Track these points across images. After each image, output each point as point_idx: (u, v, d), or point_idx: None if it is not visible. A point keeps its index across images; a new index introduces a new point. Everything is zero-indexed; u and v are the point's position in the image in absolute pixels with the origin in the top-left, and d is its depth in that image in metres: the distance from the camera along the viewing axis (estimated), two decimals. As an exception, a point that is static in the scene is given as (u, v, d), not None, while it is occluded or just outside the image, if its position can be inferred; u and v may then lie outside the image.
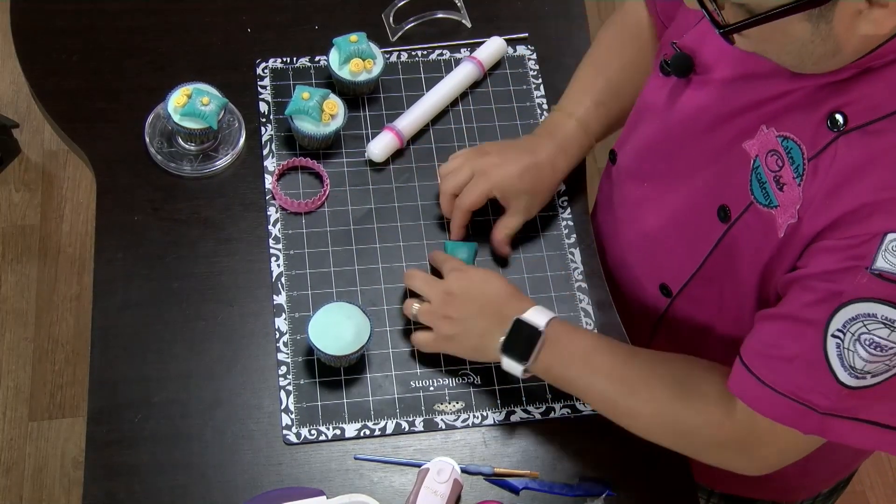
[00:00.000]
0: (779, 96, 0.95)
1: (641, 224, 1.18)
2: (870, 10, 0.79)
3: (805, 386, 0.91)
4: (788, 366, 0.92)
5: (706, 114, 1.04)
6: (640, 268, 1.21)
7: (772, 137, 0.96)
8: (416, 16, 1.43)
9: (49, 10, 1.39)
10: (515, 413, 1.16)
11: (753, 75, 0.98)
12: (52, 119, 1.31)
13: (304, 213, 1.26)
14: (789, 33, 0.84)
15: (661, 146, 1.13)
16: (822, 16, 0.81)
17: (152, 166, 1.27)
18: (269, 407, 1.13)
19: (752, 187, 0.98)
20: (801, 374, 0.92)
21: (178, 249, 1.22)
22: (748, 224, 1.00)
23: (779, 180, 0.95)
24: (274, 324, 1.18)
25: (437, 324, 1.13)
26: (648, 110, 1.15)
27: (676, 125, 1.09)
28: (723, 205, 1.02)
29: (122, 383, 1.13)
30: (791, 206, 0.93)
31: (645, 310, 1.22)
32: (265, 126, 1.31)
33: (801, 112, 0.93)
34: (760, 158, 0.97)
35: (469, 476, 1.11)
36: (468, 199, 1.20)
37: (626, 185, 1.21)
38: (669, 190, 1.11)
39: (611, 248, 1.28)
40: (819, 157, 0.91)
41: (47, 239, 2.29)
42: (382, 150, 1.29)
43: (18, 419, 2.08)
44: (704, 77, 1.05)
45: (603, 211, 1.31)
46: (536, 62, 1.41)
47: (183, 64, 1.36)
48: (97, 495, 1.07)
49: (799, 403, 0.92)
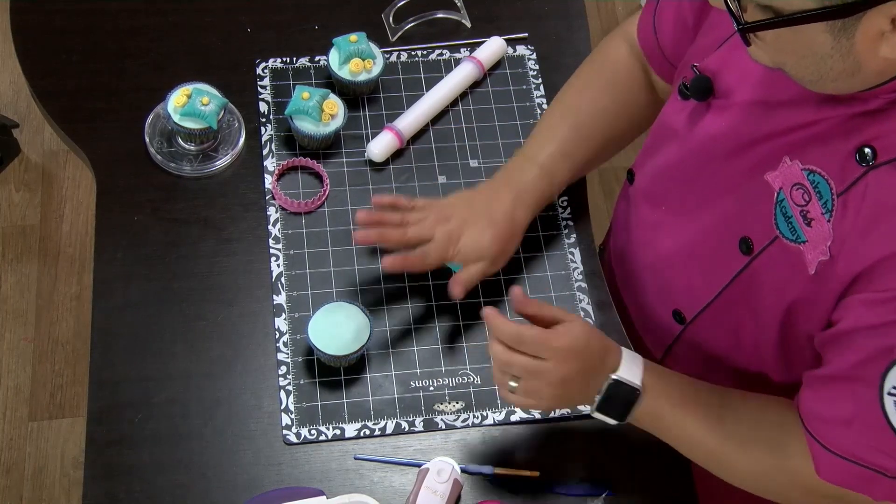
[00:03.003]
0: (804, 126, 0.92)
1: (657, 247, 1.15)
2: (892, 32, 0.77)
3: (869, 449, 0.89)
4: (848, 429, 0.90)
5: (726, 140, 1.01)
6: (654, 292, 1.20)
7: (797, 170, 0.93)
8: (416, 16, 1.43)
9: (49, 10, 1.39)
10: (515, 413, 1.16)
11: (777, 103, 0.95)
12: (52, 119, 1.31)
13: (304, 213, 1.26)
14: (809, 43, 0.81)
15: (680, 170, 1.10)
16: (844, 30, 0.78)
17: (152, 166, 1.27)
18: (269, 407, 1.13)
19: (777, 221, 0.95)
20: (862, 436, 0.89)
21: (178, 249, 1.22)
22: (773, 258, 0.97)
23: (806, 215, 0.92)
24: (274, 324, 1.18)
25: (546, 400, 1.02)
26: (668, 133, 1.12)
27: (696, 150, 1.06)
28: (745, 237, 1.00)
29: (122, 383, 1.13)
30: (821, 242, 0.90)
31: (657, 334, 1.20)
32: (265, 126, 1.32)
33: (827, 144, 0.90)
34: (785, 192, 0.94)
35: (469, 476, 1.11)
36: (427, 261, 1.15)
37: (642, 207, 1.19)
38: (687, 215, 1.09)
39: (625, 269, 1.26)
40: (849, 193, 0.88)
41: (47, 239, 2.29)
42: (382, 150, 1.29)
43: (18, 419, 2.08)
44: (725, 101, 1.02)
45: (619, 230, 1.29)
46: (536, 62, 1.41)
47: (183, 64, 1.36)
48: (97, 495, 1.07)
49: (866, 468, 0.90)
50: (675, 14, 1.14)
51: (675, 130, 1.10)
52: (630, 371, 1.01)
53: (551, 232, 1.28)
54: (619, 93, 1.23)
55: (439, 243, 1.14)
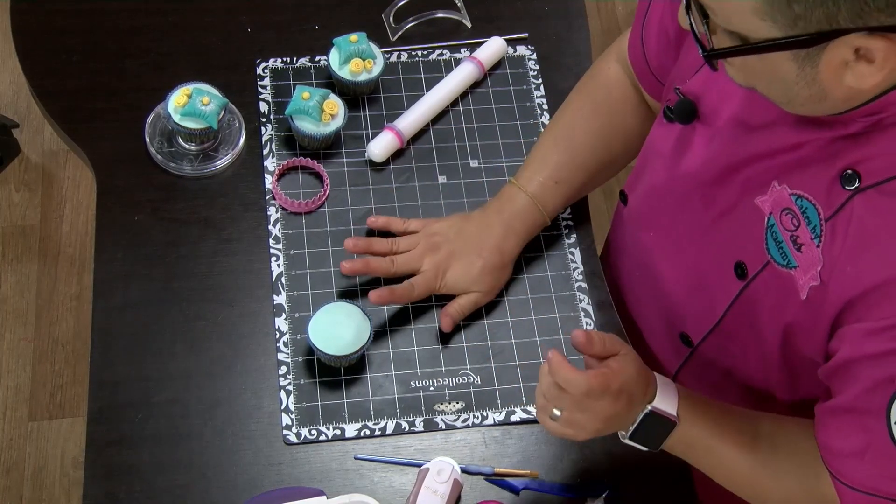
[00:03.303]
0: (788, 149, 0.92)
1: (656, 273, 1.15)
2: (856, 62, 0.76)
3: (884, 479, 0.89)
4: (861, 462, 0.89)
5: (713, 163, 1.00)
6: (658, 316, 1.20)
7: (785, 195, 0.92)
8: (416, 16, 1.43)
9: (49, 10, 1.39)
10: (515, 413, 1.16)
11: (758, 125, 0.95)
12: (52, 119, 1.31)
13: (304, 213, 1.26)
14: (775, 70, 0.81)
15: (670, 196, 1.09)
16: (808, 59, 0.78)
17: (152, 166, 1.27)
18: (269, 407, 1.13)
19: (769, 246, 0.95)
20: (876, 468, 0.89)
21: (178, 249, 1.22)
22: (767, 283, 0.97)
23: (796, 240, 0.91)
24: (274, 324, 1.18)
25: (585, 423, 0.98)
26: (655, 156, 1.12)
27: (683, 174, 1.05)
28: (739, 261, 0.99)
29: (122, 383, 1.13)
30: (811, 267, 0.90)
31: (667, 355, 1.20)
32: (265, 126, 1.32)
33: (812, 168, 0.90)
34: (775, 216, 0.94)
35: (469, 476, 1.11)
36: (415, 292, 1.16)
37: (636, 230, 1.19)
38: (682, 241, 1.09)
39: (627, 291, 1.26)
40: (836, 218, 0.87)
41: (47, 239, 2.29)
42: (382, 150, 1.29)
43: (18, 419, 2.08)
44: (709, 124, 1.01)
45: (617, 253, 1.29)
46: (536, 62, 1.41)
47: (183, 64, 1.36)
48: (97, 495, 1.07)
49: (881, 498, 0.89)
50: (658, 27, 1.13)
51: (662, 154, 1.10)
52: (665, 401, 0.99)
53: (551, 232, 1.28)
54: (612, 116, 1.23)
55: (426, 276, 1.17)
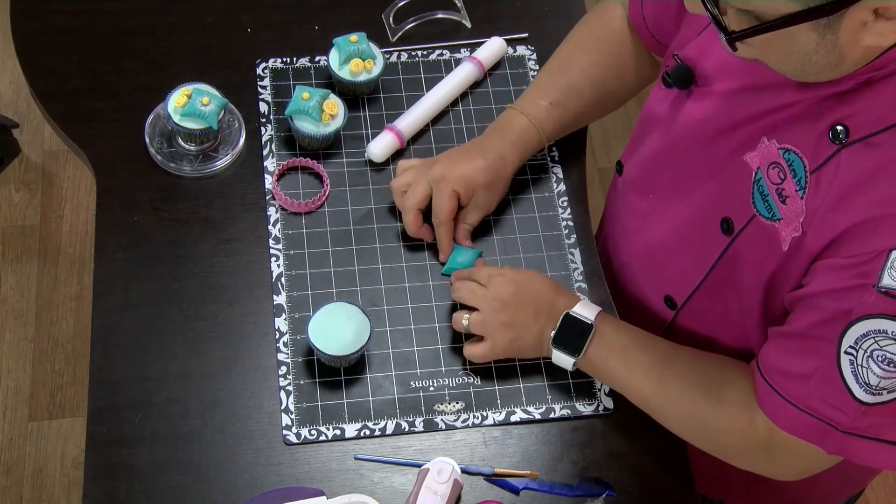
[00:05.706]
0: (780, 108, 0.95)
1: (646, 236, 1.17)
2: (875, 22, 0.79)
3: (824, 402, 0.92)
4: (806, 383, 0.93)
5: (708, 126, 1.03)
6: (645, 280, 1.21)
7: (773, 150, 0.95)
8: (416, 16, 1.43)
9: (49, 10, 1.39)
10: (515, 413, 1.16)
11: (755, 87, 0.98)
12: (52, 119, 1.31)
13: (304, 213, 1.26)
14: (795, 42, 0.83)
15: (665, 158, 1.12)
16: (829, 26, 0.80)
17: (152, 166, 1.27)
18: (269, 407, 1.13)
19: (755, 200, 0.98)
20: (818, 390, 0.92)
21: (178, 249, 1.22)
22: (751, 236, 1.00)
23: (781, 193, 0.94)
24: (274, 324, 1.18)
25: (494, 332, 1.13)
26: (652, 122, 1.15)
27: (679, 137, 1.09)
28: (725, 217, 1.02)
29: (122, 383, 1.13)
30: (794, 218, 0.93)
31: (650, 321, 1.21)
32: (265, 126, 1.31)
33: (802, 124, 0.93)
34: (762, 171, 0.97)
35: (469, 476, 1.11)
36: (442, 211, 1.19)
37: (631, 197, 1.21)
38: (673, 202, 1.11)
39: (617, 260, 1.27)
40: (821, 170, 0.91)
41: (47, 239, 2.29)
42: (382, 150, 1.29)
43: (18, 419, 2.08)
44: (706, 89, 1.04)
45: (610, 222, 1.31)
46: (536, 62, 1.41)
47: (183, 64, 1.36)
48: (97, 495, 1.07)
49: (819, 420, 0.92)
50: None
51: (659, 119, 1.13)
52: (584, 309, 1.11)
53: (552, 232, 1.28)
54: (610, 49, 1.26)
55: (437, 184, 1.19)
